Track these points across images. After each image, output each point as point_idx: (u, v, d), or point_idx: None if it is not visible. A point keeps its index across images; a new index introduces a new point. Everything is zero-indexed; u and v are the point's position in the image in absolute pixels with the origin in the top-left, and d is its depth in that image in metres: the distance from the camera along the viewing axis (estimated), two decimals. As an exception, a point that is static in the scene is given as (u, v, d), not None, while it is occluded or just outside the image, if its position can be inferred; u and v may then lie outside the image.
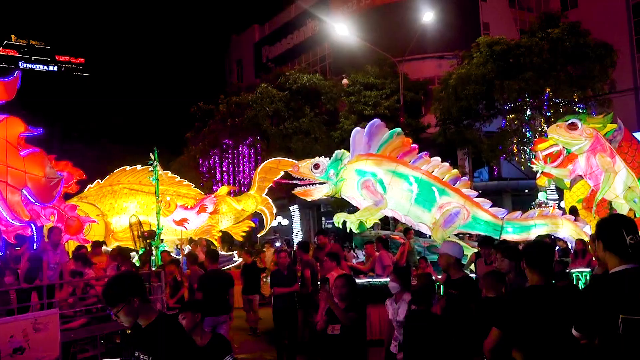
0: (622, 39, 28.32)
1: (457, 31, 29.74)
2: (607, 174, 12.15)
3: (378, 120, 12.49)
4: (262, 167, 19.12)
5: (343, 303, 5.80)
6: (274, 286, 9.89)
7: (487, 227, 12.44)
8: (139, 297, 3.49)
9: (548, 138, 13.39)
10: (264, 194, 19.08)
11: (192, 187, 19.10)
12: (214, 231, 18.13)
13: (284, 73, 31.39)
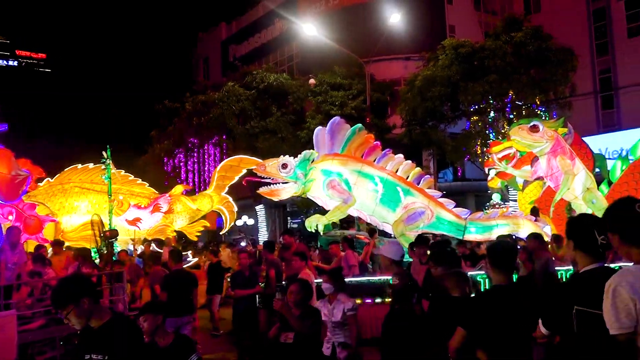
0: (582, 44, 29.00)
1: (423, 33, 30.05)
2: (567, 176, 12.44)
3: (338, 118, 12.54)
4: (223, 166, 18.88)
5: (298, 310, 5.55)
6: (234, 288, 9.75)
7: (451, 227, 12.62)
8: (89, 298, 3.43)
9: (511, 139, 13.64)
10: (224, 192, 18.84)
11: (146, 186, 18.71)
12: (168, 231, 17.85)
13: (251, 72, 31.25)
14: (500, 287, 4.14)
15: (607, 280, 2.71)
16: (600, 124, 30.11)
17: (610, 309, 2.61)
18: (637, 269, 2.65)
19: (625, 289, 2.59)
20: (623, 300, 2.58)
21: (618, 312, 2.58)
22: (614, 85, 29.89)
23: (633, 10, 29.48)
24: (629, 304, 2.57)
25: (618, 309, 2.59)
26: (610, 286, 2.65)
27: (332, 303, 6.40)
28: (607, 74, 30.64)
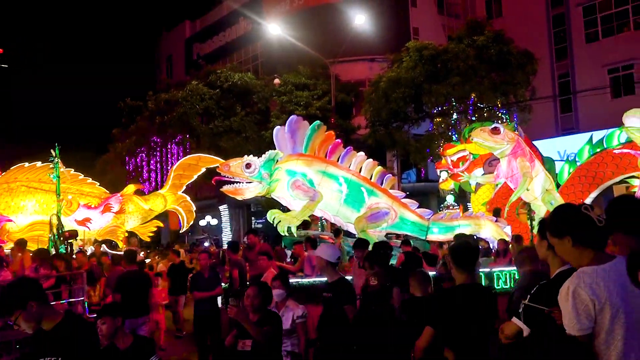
0: (542, 48, 29.63)
1: (388, 35, 30.26)
2: (524, 178, 12.75)
3: (295, 116, 12.58)
4: (180, 164, 18.58)
5: (256, 315, 5.14)
6: (194, 290, 9.51)
7: (414, 227, 12.75)
8: (37, 301, 3.36)
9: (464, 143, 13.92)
10: (181, 191, 18.54)
11: (96, 186, 18.25)
12: (119, 232, 17.46)
13: (215, 71, 31.00)
14: (464, 286, 4.20)
15: None
16: (558, 127, 30.81)
17: (571, 311, 2.62)
18: (592, 270, 2.68)
19: (584, 291, 2.62)
20: (583, 302, 2.61)
21: (578, 314, 2.61)
22: (572, 89, 30.62)
23: (591, 17, 30.27)
24: (589, 305, 2.60)
25: (578, 311, 2.61)
26: (568, 288, 2.67)
27: (280, 310, 6.08)
28: (566, 78, 31.37)
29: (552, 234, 2.87)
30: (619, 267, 2.71)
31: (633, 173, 13.36)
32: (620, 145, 13.35)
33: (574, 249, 2.77)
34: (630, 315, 2.64)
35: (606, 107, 25.82)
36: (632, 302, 2.65)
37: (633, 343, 2.63)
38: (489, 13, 33.29)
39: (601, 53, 28.97)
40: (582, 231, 2.76)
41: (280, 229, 12.11)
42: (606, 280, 2.64)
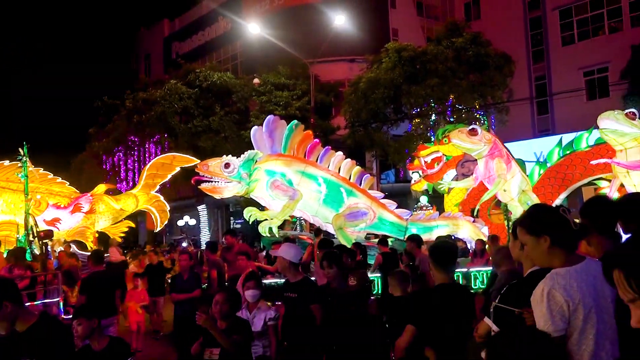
0: (520, 51, 29.98)
1: (367, 36, 30.35)
2: (498, 179, 12.92)
3: (272, 116, 12.60)
4: (154, 163, 18.32)
5: (224, 322, 4.88)
6: (172, 292, 9.27)
7: (392, 227, 12.83)
8: (11, 301, 3.31)
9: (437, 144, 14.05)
10: (154, 190, 18.30)
11: (66, 185, 17.86)
12: (88, 233, 17.11)
13: (194, 70, 30.80)
14: (444, 286, 4.23)
15: None
16: (535, 129, 31.20)
17: (546, 312, 2.64)
18: (565, 271, 2.71)
19: (558, 292, 2.64)
20: (557, 303, 2.63)
21: (553, 315, 2.62)
22: (548, 91, 31.03)
23: (567, 20, 30.72)
24: (563, 306, 2.62)
25: (553, 312, 2.63)
26: (543, 290, 2.68)
27: (252, 311, 6.00)
28: (543, 80, 31.79)
29: (529, 232, 2.87)
30: (589, 268, 2.74)
31: (601, 175, 13.76)
32: (588, 148, 13.75)
33: (549, 249, 2.79)
34: (601, 315, 2.68)
35: (581, 109, 26.20)
36: (602, 303, 2.70)
37: (604, 343, 2.68)
38: (467, 15, 33.58)
39: (577, 56, 29.41)
40: (559, 232, 2.79)
41: (262, 230, 12.10)
42: (579, 281, 2.67)
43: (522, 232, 2.91)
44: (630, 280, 1.42)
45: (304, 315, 5.58)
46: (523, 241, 2.92)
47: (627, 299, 1.45)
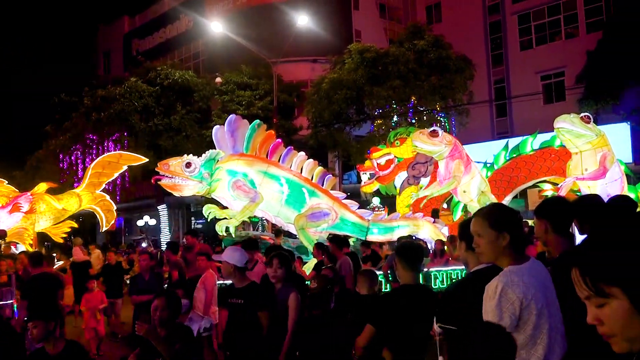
0: (480, 54, 30.50)
1: (330, 36, 30.45)
2: (452, 180, 13.18)
3: (234, 116, 12.50)
4: (99, 162, 17.75)
5: (163, 330, 4.46)
6: (132, 293, 9.01)
7: (354, 228, 12.87)
8: None
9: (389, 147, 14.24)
10: (99, 189, 17.78)
11: (4, 184, 17.04)
12: (26, 235, 16.45)
13: (155, 68, 30.35)
14: (408, 287, 4.25)
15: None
16: (494, 131, 31.80)
17: (495, 309, 2.71)
18: (518, 269, 2.80)
19: (512, 289, 2.71)
20: (509, 300, 2.70)
21: (502, 312, 2.69)
22: (507, 94, 31.67)
23: (525, 25, 31.41)
24: (515, 303, 2.69)
25: (502, 309, 2.70)
26: (496, 286, 2.75)
27: (184, 321, 5.82)
28: (502, 84, 32.43)
29: (491, 226, 2.92)
30: (535, 267, 2.88)
31: (544, 177, 14.32)
32: (533, 152, 14.31)
33: (504, 246, 2.87)
34: (551, 310, 2.79)
35: (539, 112, 26.84)
36: (550, 299, 2.82)
37: (556, 336, 2.78)
38: (429, 18, 34.01)
39: (535, 60, 30.11)
40: (518, 232, 2.89)
41: (218, 229, 11.98)
42: (530, 278, 2.77)
43: (485, 225, 2.94)
44: (586, 278, 1.46)
45: (251, 323, 5.28)
46: (481, 234, 2.96)
47: (583, 297, 1.49)
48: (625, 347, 1.45)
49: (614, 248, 1.45)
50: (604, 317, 1.46)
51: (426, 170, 14.12)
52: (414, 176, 14.22)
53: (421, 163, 14.12)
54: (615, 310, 1.43)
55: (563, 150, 13.70)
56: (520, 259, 2.87)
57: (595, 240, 1.52)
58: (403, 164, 14.17)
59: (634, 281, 1.40)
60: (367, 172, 15.56)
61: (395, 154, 14.13)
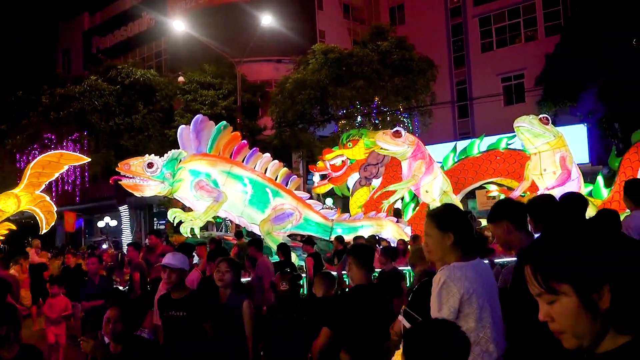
0: (442, 56, 30.87)
1: (294, 37, 30.40)
2: (410, 179, 13.37)
3: (201, 116, 12.43)
4: (38, 161, 17.18)
5: (118, 345, 4.03)
6: (82, 300, 8.56)
7: (318, 228, 12.91)
8: None
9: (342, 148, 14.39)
10: (39, 190, 17.30)
11: None
12: None
13: (116, 66, 29.79)
14: (363, 287, 4.26)
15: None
16: (456, 132, 32.24)
17: (436, 299, 2.88)
18: (462, 265, 2.93)
19: (453, 283, 2.86)
20: (449, 292, 2.85)
21: (441, 303, 2.85)
22: (469, 95, 32.15)
23: (486, 28, 31.95)
24: (455, 296, 2.84)
25: (442, 300, 2.85)
26: (440, 279, 2.90)
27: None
28: (463, 85, 32.90)
29: (437, 226, 3.04)
30: (480, 266, 3.03)
31: (490, 179, 14.85)
32: (480, 154, 14.75)
33: (450, 247, 2.99)
34: (492, 307, 2.95)
35: (499, 113, 27.30)
36: (493, 299, 2.99)
37: (498, 330, 2.94)
38: (392, 20, 34.24)
39: (495, 62, 30.63)
40: (463, 233, 3.00)
41: (183, 230, 11.85)
42: (474, 274, 2.90)
43: (432, 226, 3.07)
44: (537, 275, 1.50)
45: (195, 334, 4.77)
46: (429, 233, 3.08)
47: (534, 294, 1.53)
48: (575, 343, 1.49)
49: (564, 246, 1.49)
50: (554, 313, 1.49)
51: (377, 171, 14.33)
52: (366, 177, 14.43)
53: (372, 165, 14.34)
54: (565, 307, 1.47)
55: (508, 153, 14.45)
56: (467, 257, 2.98)
57: (547, 239, 1.56)
58: (355, 166, 14.40)
59: (583, 278, 1.44)
60: (319, 173, 15.68)
61: (348, 155, 14.36)
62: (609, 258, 1.45)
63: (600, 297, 1.43)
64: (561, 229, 1.56)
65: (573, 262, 1.45)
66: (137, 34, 39.65)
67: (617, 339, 1.45)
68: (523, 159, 14.05)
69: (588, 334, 1.46)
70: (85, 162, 16.15)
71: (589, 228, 1.54)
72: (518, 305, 2.93)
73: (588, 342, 1.48)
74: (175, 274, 4.88)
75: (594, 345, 1.48)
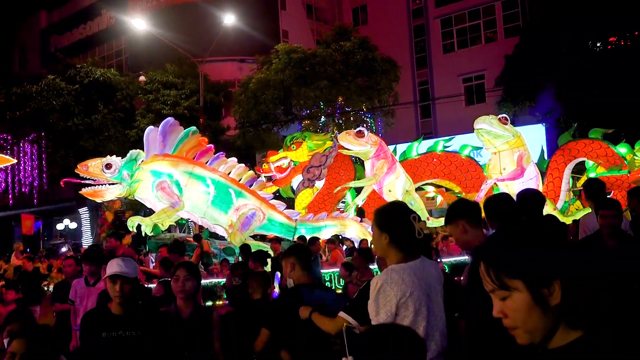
0: (404, 57, 31.16)
1: (257, 36, 30.26)
2: (371, 178, 13.50)
3: (172, 119, 12.27)
4: None
5: None
6: (55, 301, 8.06)
7: (282, 228, 12.88)
8: None
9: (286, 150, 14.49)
10: None
11: None
12: None
13: (75, 65, 29.20)
14: (304, 286, 4.27)
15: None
16: (419, 131, 32.54)
17: (373, 304, 2.90)
18: (399, 267, 2.95)
19: (390, 287, 2.88)
20: (386, 297, 2.88)
21: (379, 308, 2.88)
22: (431, 96, 32.51)
23: (448, 29, 32.36)
24: (392, 301, 2.86)
25: (379, 305, 2.88)
26: (377, 283, 2.93)
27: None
28: (426, 86, 33.26)
29: (376, 225, 3.10)
30: (424, 266, 3.04)
31: (428, 180, 15.20)
32: (418, 156, 15.04)
33: (387, 246, 3.03)
34: (432, 308, 2.98)
35: (461, 113, 27.71)
36: (433, 297, 3.01)
37: (434, 334, 2.97)
38: (355, 20, 34.41)
39: (456, 63, 31.05)
40: (399, 234, 3.01)
41: (130, 224, 11.71)
42: (412, 277, 2.92)
43: (373, 224, 3.15)
44: (490, 271, 1.52)
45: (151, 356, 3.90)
46: (373, 231, 3.18)
47: (488, 290, 1.56)
48: (527, 339, 1.51)
49: (516, 243, 1.52)
50: (507, 309, 1.52)
51: (320, 173, 14.46)
52: (309, 179, 14.55)
53: (315, 166, 14.47)
54: (517, 303, 1.49)
55: (444, 155, 14.81)
56: (407, 258, 3.00)
57: (500, 237, 1.58)
58: (299, 168, 14.54)
59: (533, 274, 1.47)
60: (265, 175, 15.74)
61: (292, 157, 14.48)
62: (559, 255, 1.49)
63: (550, 292, 1.46)
64: (514, 227, 1.60)
65: (524, 258, 1.48)
66: (97, 32, 38.90)
67: (568, 335, 1.48)
68: (458, 161, 14.63)
69: (540, 329, 1.49)
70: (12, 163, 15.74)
71: (540, 226, 1.57)
72: (473, 303, 2.97)
73: (540, 338, 1.50)
74: (129, 286, 3.92)
75: (546, 341, 1.51)
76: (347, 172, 14.66)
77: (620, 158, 13.15)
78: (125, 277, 3.91)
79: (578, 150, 13.66)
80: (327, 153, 14.28)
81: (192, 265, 4.48)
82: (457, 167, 14.56)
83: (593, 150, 13.56)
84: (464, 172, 14.57)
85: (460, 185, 14.59)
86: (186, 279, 4.18)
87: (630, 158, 13.05)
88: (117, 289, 3.88)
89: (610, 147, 13.44)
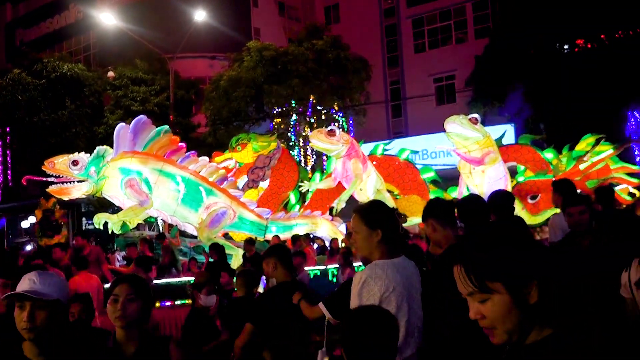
0: (376, 56, 31.29)
1: (229, 33, 30.05)
2: (356, 179, 13.49)
3: (144, 117, 12.07)
4: None
5: None
6: None
7: (253, 226, 12.81)
8: None
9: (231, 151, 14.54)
10: None
11: None
12: None
13: (42, 59, 28.59)
14: (286, 284, 4.28)
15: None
16: (390, 131, 32.74)
17: (357, 297, 2.94)
18: (383, 263, 3.00)
19: (374, 281, 2.92)
20: (370, 291, 2.92)
21: (362, 301, 2.91)
22: (402, 95, 32.73)
23: (419, 29, 32.61)
24: (376, 295, 2.91)
25: (362, 299, 2.92)
26: (361, 277, 2.97)
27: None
28: (397, 85, 33.46)
29: (365, 223, 3.08)
30: (405, 264, 3.09)
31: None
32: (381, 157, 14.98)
33: (377, 243, 3.04)
34: (412, 305, 3.02)
35: (431, 113, 27.96)
36: (414, 295, 3.05)
37: (413, 331, 3.02)
38: (327, 19, 34.43)
39: (428, 63, 31.31)
40: (390, 230, 3.05)
41: (96, 221, 11.53)
42: (394, 273, 2.97)
43: (359, 222, 3.10)
44: (471, 276, 1.53)
45: None
46: (357, 230, 3.11)
47: (465, 293, 1.57)
48: (505, 338, 1.54)
49: (493, 246, 1.54)
50: (485, 311, 1.54)
51: (264, 174, 14.50)
52: (253, 180, 14.58)
53: (260, 168, 14.51)
54: (497, 305, 1.52)
55: (384, 158, 14.81)
56: (391, 255, 3.04)
57: (475, 239, 1.59)
58: (244, 169, 14.58)
59: (514, 276, 1.50)
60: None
61: (237, 158, 14.50)
62: (535, 255, 1.52)
63: (528, 292, 1.50)
64: (487, 229, 1.61)
65: (504, 261, 1.51)
66: (64, 26, 38.15)
67: (541, 332, 1.52)
68: (398, 164, 14.73)
69: (518, 329, 1.52)
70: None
71: (511, 227, 1.59)
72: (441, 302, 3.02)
73: (517, 336, 1.53)
74: (45, 312, 2.57)
75: (522, 339, 1.53)
76: (290, 173, 14.69)
77: (546, 163, 13.58)
78: (38, 300, 2.54)
79: (508, 154, 13.97)
80: (271, 155, 14.30)
81: (137, 281, 2.97)
82: (395, 169, 14.69)
83: (522, 155, 13.97)
84: (402, 174, 14.68)
85: (398, 188, 14.67)
86: (129, 299, 2.79)
87: (556, 163, 13.49)
88: (24, 317, 2.54)
89: (538, 152, 13.88)
